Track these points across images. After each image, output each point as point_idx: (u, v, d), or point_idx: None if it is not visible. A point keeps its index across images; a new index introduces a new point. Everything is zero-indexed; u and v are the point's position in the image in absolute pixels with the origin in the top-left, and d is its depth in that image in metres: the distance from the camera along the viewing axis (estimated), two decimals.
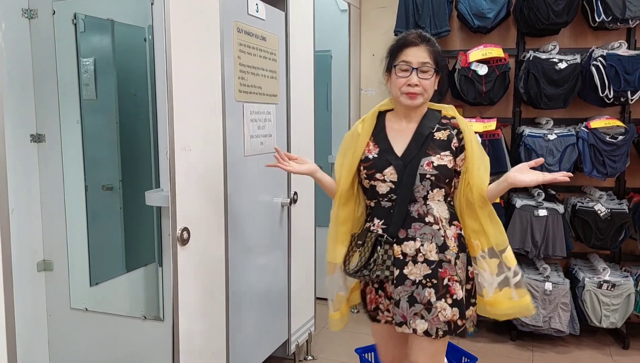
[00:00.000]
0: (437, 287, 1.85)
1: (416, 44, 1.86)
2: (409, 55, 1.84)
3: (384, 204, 1.91)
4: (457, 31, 3.94)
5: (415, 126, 1.92)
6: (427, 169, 1.84)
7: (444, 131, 1.91)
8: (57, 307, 2.54)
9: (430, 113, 1.95)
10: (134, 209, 2.62)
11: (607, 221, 3.42)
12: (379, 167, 1.89)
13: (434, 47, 1.89)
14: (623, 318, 3.43)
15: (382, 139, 1.94)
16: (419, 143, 1.88)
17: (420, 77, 1.83)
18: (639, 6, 3.33)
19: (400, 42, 1.90)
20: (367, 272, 1.87)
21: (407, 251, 1.87)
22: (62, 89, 2.45)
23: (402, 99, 1.87)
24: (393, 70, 1.88)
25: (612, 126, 3.44)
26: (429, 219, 1.87)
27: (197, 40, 2.08)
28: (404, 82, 1.84)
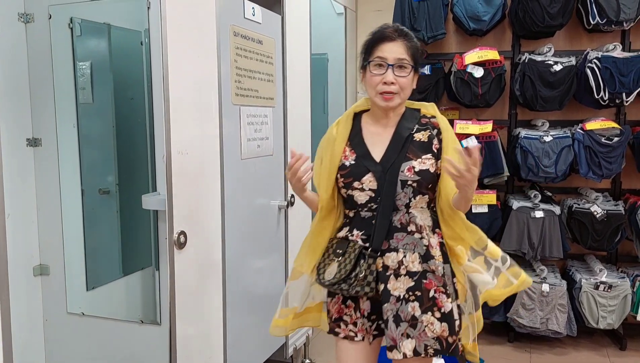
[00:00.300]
0: (422, 299, 1.68)
1: (392, 38, 1.70)
2: (385, 50, 1.69)
3: (363, 215, 1.75)
4: (453, 34, 3.95)
5: (393, 127, 1.77)
6: (408, 175, 1.69)
7: (424, 132, 1.76)
8: (54, 312, 2.53)
9: (408, 113, 1.81)
10: (130, 213, 2.62)
11: (603, 222, 3.43)
12: (356, 175, 1.72)
13: (412, 42, 1.73)
14: (620, 319, 3.44)
15: (359, 143, 1.78)
16: (398, 146, 1.73)
17: (396, 74, 1.68)
18: (633, 8, 3.35)
19: (376, 36, 1.74)
20: (345, 287, 1.69)
21: (389, 263, 1.71)
22: (58, 93, 2.45)
23: (377, 100, 1.72)
24: (367, 67, 1.73)
25: (608, 128, 3.45)
26: (411, 228, 1.72)
27: (193, 43, 2.08)
28: (379, 81, 1.69)
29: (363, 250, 1.71)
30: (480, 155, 1.58)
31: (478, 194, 3.58)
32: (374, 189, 1.71)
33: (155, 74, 2.09)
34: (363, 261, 1.69)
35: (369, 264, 1.69)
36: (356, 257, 1.70)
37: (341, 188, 1.77)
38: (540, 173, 3.46)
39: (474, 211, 3.57)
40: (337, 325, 1.80)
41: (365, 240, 1.73)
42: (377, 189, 1.70)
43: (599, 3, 3.37)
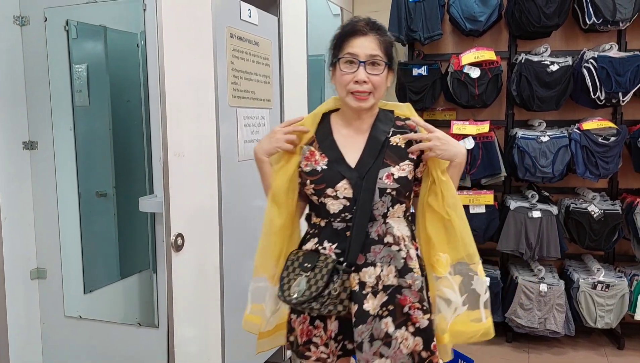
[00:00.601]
0: (395, 314, 1.55)
1: (364, 32, 1.55)
2: (355, 46, 1.54)
3: (336, 226, 1.58)
4: (450, 35, 3.95)
5: (368, 129, 1.63)
6: (387, 182, 1.55)
7: (400, 135, 1.62)
8: (51, 315, 2.52)
9: (382, 114, 1.66)
10: (128, 215, 2.61)
11: (600, 222, 3.43)
12: (329, 181, 1.56)
13: (385, 36, 1.58)
14: (618, 318, 3.44)
15: (330, 146, 1.61)
16: (375, 151, 1.58)
17: (369, 72, 1.53)
18: (629, 8, 3.35)
19: (345, 30, 1.58)
20: (317, 306, 1.51)
21: (367, 279, 1.56)
22: (54, 95, 2.45)
23: (348, 100, 1.57)
24: (337, 64, 1.58)
25: (604, 128, 3.46)
26: (388, 239, 1.58)
27: (189, 45, 2.08)
28: (349, 79, 1.54)
29: (337, 265, 1.54)
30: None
31: (475, 194, 3.58)
32: (349, 197, 1.55)
33: (152, 76, 2.08)
34: (337, 277, 1.53)
35: (343, 280, 1.53)
36: (329, 272, 1.52)
37: (311, 195, 1.61)
38: (538, 173, 3.47)
39: (472, 212, 3.57)
40: (307, 349, 1.63)
41: (339, 254, 1.57)
42: (352, 197, 1.55)
43: (595, 3, 3.38)
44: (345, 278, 1.54)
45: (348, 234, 1.56)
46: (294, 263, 1.60)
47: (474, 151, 3.55)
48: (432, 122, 4.22)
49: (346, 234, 1.56)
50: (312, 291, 1.51)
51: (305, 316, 1.62)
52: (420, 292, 1.59)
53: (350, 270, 1.55)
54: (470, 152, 3.55)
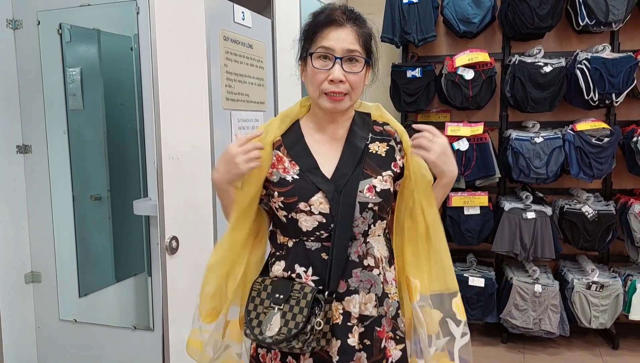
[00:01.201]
0: (371, 350, 1.37)
1: (340, 23, 1.31)
2: (330, 38, 1.30)
3: (309, 246, 1.35)
4: (444, 36, 3.97)
5: (344, 135, 1.41)
6: (369, 196, 1.34)
7: (380, 143, 1.43)
8: (46, 319, 2.52)
9: (358, 118, 1.45)
10: (123, 219, 2.61)
11: (594, 222, 3.45)
12: (303, 194, 1.33)
13: (364, 27, 1.35)
14: (612, 318, 3.46)
15: (302, 153, 1.38)
16: (353, 160, 1.37)
17: (346, 70, 1.31)
18: (621, 9, 3.37)
19: (319, 19, 1.34)
20: (299, 345, 1.29)
21: (351, 309, 1.35)
22: (48, 99, 2.44)
23: (321, 102, 1.35)
24: (309, 59, 1.34)
25: (598, 129, 3.48)
26: (368, 261, 1.38)
27: (183, 48, 2.08)
28: (323, 78, 1.31)
29: (317, 294, 1.31)
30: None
31: (470, 196, 3.59)
32: (325, 213, 1.32)
33: (145, 79, 2.08)
34: (318, 309, 1.30)
35: (325, 312, 1.30)
36: (309, 304, 1.29)
37: (279, 209, 1.37)
38: (532, 174, 3.48)
39: (466, 213, 3.58)
40: None
41: (316, 281, 1.34)
42: (329, 213, 1.32)
43: (588, 4, 3.40)
44: (328, 309, 1.32)
45: (324, 256, 1.34)
46: (261, 294, 1.36)
47: (468, 152, 3.56)
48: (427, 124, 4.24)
49: (321, 255, 1.34)
50: (291, 328, 1.28)
51: (277, 352, 1.39)
52: (394, 320, 1.42)
53: (332, 299, 1.33)
54: (465, 153, 3.56)
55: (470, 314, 3.56)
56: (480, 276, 3.57)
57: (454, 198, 3.59)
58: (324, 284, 1.33)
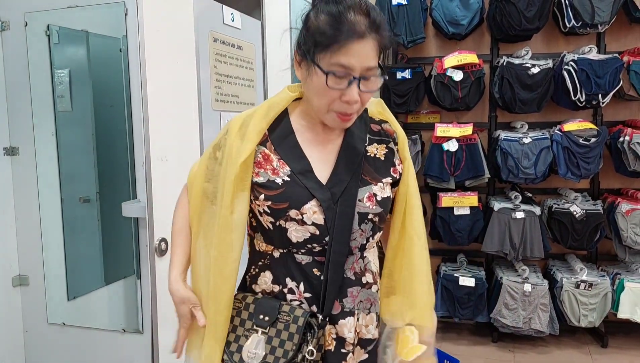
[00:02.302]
0: None
1: (362, 35, 1.07)
2: (351, 54, 1.07)
3: (300, 259, 1.17)
4: (433, 38, 3.99)
5: (340, 134, 1.23)
6: (369, 205, 1.18)
7: (378, 145, 1.26)
8: (34, 322, 2.50)
9: None
10: (112, 221, 2.59)
11: (582, 221, 3.48)
12: (294, 200, 1.14)
13: (384, 35, 1.12)
14: (601, 317, 3.49)
15: (293, 152, 1.19)
16: (352, 164, 1.20)
17: (362, 89, 1.11)
18: (607, 11, 3.41)
19: (338, 24, 1.07)
20: None
21: (346, 334, 1.18)
22: (36, 101, 2.43)
23: (328, 119, 1.16)
24: (318, 69, 1.10)
25: (585, 129, 3.51)
26: (367, 278, 1.23)
27: (172, 50, 2.07)
28: (336, 96, 1.11)
29: (309, 318, 1.14)
30: None
31: (460, 196, 3.61)
32: (319, 224, 1.14)
33: (134, 81, 2.08)
34: (312, 335, 1.14)
35: (318, 338, 1.15)
36: (302, 330, 1.13)
37: (262, 214, 1.17)
38: (520, 174, 3.51)
39: (456, 213, 3.60)
40: None
41: (308, 299, 1.17)
42: (323, 224, 1.14)
43: (574, 6, 3.43)
44: (321, 335, 1.16)
45: (316, 272, 1.16)
46: (241, 313, 1.19)
47: (457, 153, 3.58)
48: (417, 125, 4.27)
49: (313, 271, 1.16)
50: (279, 357, 1.12)
51: None
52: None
53: (325, 323, 1.17)
54: (454, 154, 3.59)
55: (460, 314, 3.58)
56: (471, 276, 3.58)
57: (444, 198, 3.60)
58: (317, 303, 1.16)
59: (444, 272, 3.64)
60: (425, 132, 3.93)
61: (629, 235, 3.42)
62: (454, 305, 3.58)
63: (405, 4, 3.66)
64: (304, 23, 1.14)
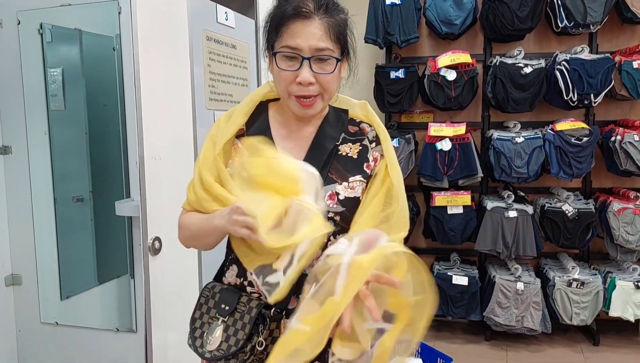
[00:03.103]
0: None
1: (307, 15, 1.13)
2: (296, 35, 1.13)
3: None
4: (426, 38, 4.00)
5: (313, 132, 1.26)
6: (330, 204, 1.19)
7: (352, 144, 1.26)
8: (27, 322, 2.49)
9: (333, 115, 1.29)
10: (105, 220, 2.59)
11: (574, 220, 3.50)
12: None
13: (336, 16, 1.17)
14: (593, 315, 3.51)
15: None
16: (319, 161, 1.20)
17: (315, 70, 1.15)
18: (599, 11, 3.44)
19: (285, 10, 1.15)
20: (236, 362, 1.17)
21: None
22: (28, 100, 2.42)
23: (291, 105, 1.21)
24: (273, 58, 1.18)
25: (577, 128, 3.54)
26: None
27: (165, 48, 2.07)
28: (291, 79, 1.16)
29: (263, 310, 1.17)
30: None
31: (453, 195, 3.63)
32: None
33: (128, 80, 2.07)
34: (262, 326, 1.16)
35: (271, 330, 1.17)
36: (252, 320, 1.16)
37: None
38: (513, 173, 3.53)
39: (450, 212, 3.62)
40: None
41: (267, 295, 1.14)
42: None
43: (567, 7, 3.45)
44: (274, 327, 1.18)
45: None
46: (208, 301, 1.24)
47: (451, 152, 3.59)
48: (410, 124, 4.28)
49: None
50: (231, 345, 1.15)
51: None
52: None
53: (281, 316, 1.19)
54: (448, 153, 3.60)
55: (454, 312, 3.59)
56: (464, 274, 3.60)
57: (437, 197, 3.62)
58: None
59: (437, 271, 3.65)
60: (418, 131, 3.94)
61: (621, 234, 3.45)
62: (447, 304, 3.59)
63: (399, 3, 3.68)
64: (265, 19, 1.22)
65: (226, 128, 1.24)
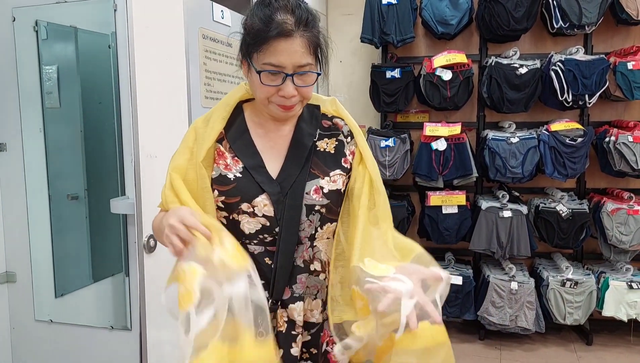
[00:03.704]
0: (316, 359, 1.31)
1: (289, 34, 1.16)
2: (279, 53, 1.16)
3: (252, 249, 1.25)
4: (422, 37, 4.01)
5: (290, 131, 1.31)
6: (315, 198, 1.25)
7: (328, 139, 1.32)
8: (21, 319, 2.48)
9: (306, 112, 1.34)
10: (100, 218, 2.58)
11: (568, 221, 3.52)
12: (246, 194, 1.23)
13: (314, 30, 1.21)
14: (586, 315, 3.53)
15: (247, 148, 1.28)
16: (300, 159, 1.28)
17: (297, 84, 1.20)
18: (594, 12, 3.45)
19: (269, 31, 1.16)
20: None
21: (296, 317, 1.26)
22: (23, 97, 2.41)
23: (271, 109, 1.24)
24: (254, 72, 1.20)
25: (572, 129, 3.55)
26: (314, 266, 1.29)
27: (161, 47, 2.07)
28: (273, 92, 1.21)
29: None
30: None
31: (448, 195, 3.64)
32: (269, 216, 1.23)
33: (123, 78, 2.07)
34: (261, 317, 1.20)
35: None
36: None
37: (217, 210, 1.26)
38: (508, 173, 3.54)
39: (445, 212, 3.63)
40: None
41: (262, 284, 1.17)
42: (273, 216, 1.23)
43: (562, 7, 3.47)
44: (272, 317, 1.23)
45: (267, 260, 1.25)
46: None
47: (446, 152, 3.61)
48: (406, 124, 4.28)
49: (265, 260, 1.25)
50: None
51: None
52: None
53: (276, 307, 1.26)
54: (443, 153, 3.61)
55: (448, 312, 3.61)
56: (459, 274, 3.61)
57: (432, 197, 3.63)
58: (269, 289, 1.24)
59: None
60: (414, 131, 3.95)
61: (614, 234, 3.46)
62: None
63: (395, 3, 3.68)
64: (242, 26, 1.24)
65: (206, 134, 1.27)
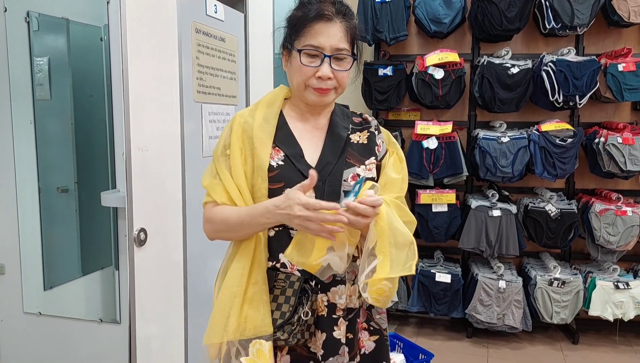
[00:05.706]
0: (352, 344, 1.36)
1: (329, 18, 1.30)
2: (319, 35, 1.30)
3: (293, 235, 1.30)
4: (415, 36, 4.02)
5: (326, 125, 1.43)
6: (353, 184, 1.31)
7: (360, 133, 1.44)
8: (9, 312, 2.47)
9: (338, 109, 1.47)
10: (90, 211, 2.58)
11: (557, 220, 3.55)
12: (288, 180, 1.30)
13: (352, 21, 1.35)
14: (573, 314, 3.57)
15: (287, 139, 1.38)
16: (337, 149, 1.38)
17: (334, 67, 1.32)
18: (586, 14, 3.48)
19: (309, 14, 1.32)
20: (284, 336, 1.28)
21: (337, 300, 1.33)
22: (14, 89, 2.40)
23: (307, 94, 1.36)
24: (294, 52, 1.34)
25: (562, 129, 3.58)
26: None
27: (154, 40, 2.07)
28: (311, 74, 1.32)
29: (304, 284, 1.30)
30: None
31: (438, 193, 3.66)
32: None
33: (115, 71, 2.06)
34: (306, 298, 1.29)
35: (311, 302, 1.30)
36: (296, 294, 1.28)
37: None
38: (498, 172, 3.56)
39: (434, 210, 3.64)
40: None
41: (302, 271, 1.30)
42: None
43: (555, 8, 3.49)
44: (314, 299, 1.30)
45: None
46: None
47: (437, 150, 3.62)
48: (397, 122, 4.30)
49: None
50: (276, 318, 1.28)
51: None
52: (368, 310, 1.41)
53: (318, 290, 1.32)
54: (434, 152, 3.63)
55: (436, 309, 3.63)
56: (447, 272, 3.63)
57: (422, 195, 3.65)
58: (308, 274, 1.29)
59: (420, 268, 3.69)
60: (405, 129, 3.96)
61: (602, 234, 3.50)
62: (430, 301, 3.63)
63: (389, 1, 3.69)
64: (286, 20, 1.39)
65: (262, 132, 1.36)
